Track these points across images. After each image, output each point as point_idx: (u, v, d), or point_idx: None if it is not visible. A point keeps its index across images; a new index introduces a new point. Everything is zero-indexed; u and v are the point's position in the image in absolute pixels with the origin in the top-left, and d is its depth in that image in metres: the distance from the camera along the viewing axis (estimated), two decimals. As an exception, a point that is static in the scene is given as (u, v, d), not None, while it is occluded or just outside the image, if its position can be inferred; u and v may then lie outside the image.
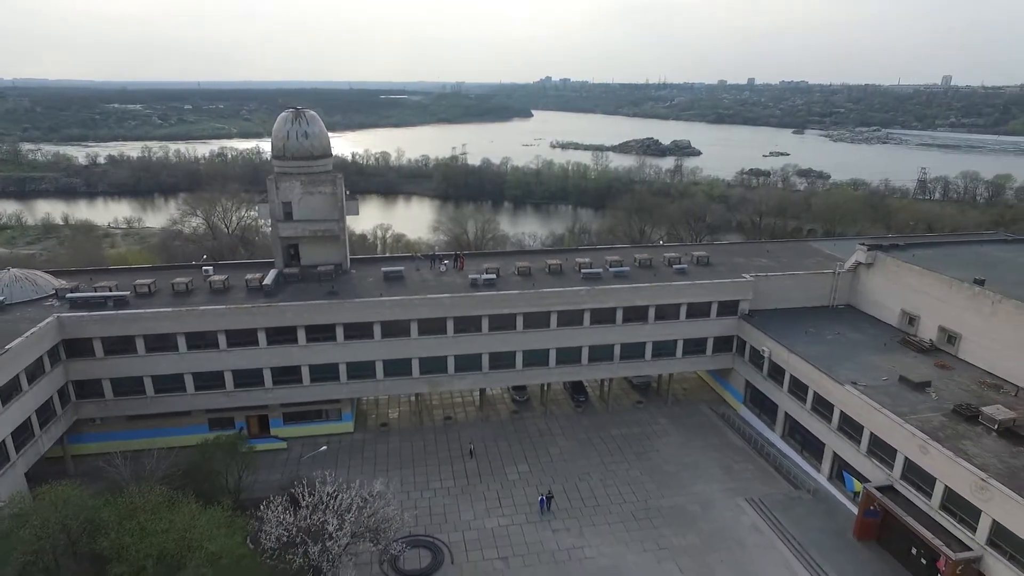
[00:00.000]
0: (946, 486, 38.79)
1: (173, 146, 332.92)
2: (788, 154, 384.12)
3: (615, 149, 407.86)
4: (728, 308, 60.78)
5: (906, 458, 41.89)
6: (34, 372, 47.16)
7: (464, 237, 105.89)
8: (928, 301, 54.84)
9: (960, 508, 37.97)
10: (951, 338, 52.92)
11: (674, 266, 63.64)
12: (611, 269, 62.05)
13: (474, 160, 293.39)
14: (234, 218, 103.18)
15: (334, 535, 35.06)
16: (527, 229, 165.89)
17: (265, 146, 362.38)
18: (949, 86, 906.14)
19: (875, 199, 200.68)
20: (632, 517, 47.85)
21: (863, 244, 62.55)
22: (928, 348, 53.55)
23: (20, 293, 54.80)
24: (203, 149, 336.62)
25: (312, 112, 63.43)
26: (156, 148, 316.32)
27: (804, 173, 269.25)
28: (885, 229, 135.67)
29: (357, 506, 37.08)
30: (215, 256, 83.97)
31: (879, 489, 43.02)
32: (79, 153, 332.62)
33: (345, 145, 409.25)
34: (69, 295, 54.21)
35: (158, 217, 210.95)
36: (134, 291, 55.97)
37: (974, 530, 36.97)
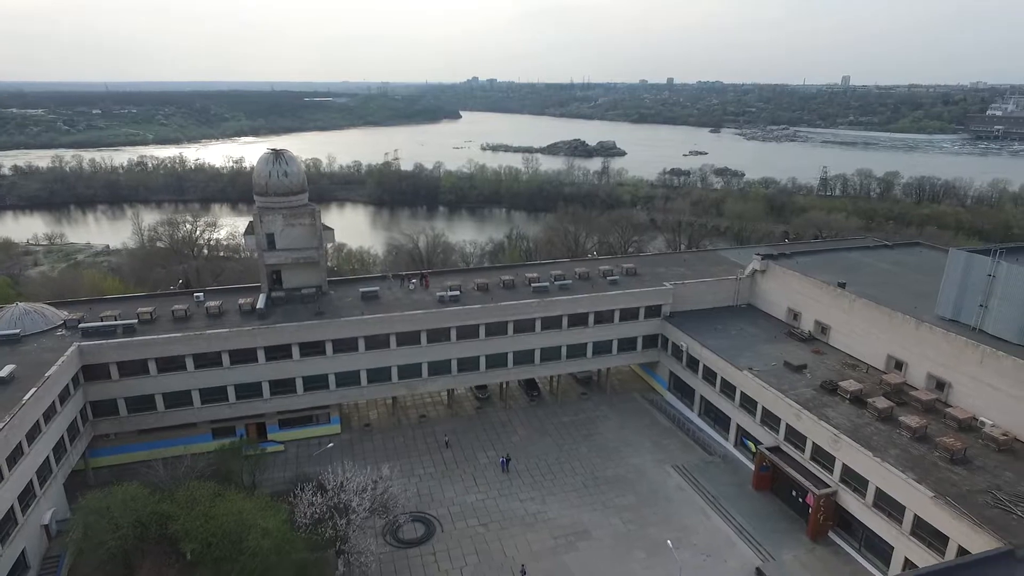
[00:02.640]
0: (813, 442, 52.16)
1: (87, 155, 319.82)
2: (706, 153, 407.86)
3: (544, 151, 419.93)
4: (653, 311, 73.36)
5: (787, 424, 55.17)
6: (64, 396, 53.86)
7: (416, 252, 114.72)
8: (806, 300, 68.98)
9: (822, 457, 51.38)
10: (823, 329, 67.15)
11: (608, 277, 75.66)
12: (556, 282, 73.38)
13: (407, 165, 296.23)
14: (200, 241, 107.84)
15: (356, 509, 44.58)
16: (466, 236, 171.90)
17: (188, 152, 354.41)
18: (848, 86, 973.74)
19: (783, 197, 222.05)
20: (583, 485, 59.28)
21: (758, 254, 76.49)
22: (807, 338, 67.65)
23: (32, 325, 60.68)
24: (120, 157, 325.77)
25: (290, 153, 71.57)
26: (68, 157, 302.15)
27: (721, 172, 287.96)
28: (784, 234, 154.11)
29: (370, 487, 46.66)
30: (189, 281, 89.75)
31: (769, 449, 56.20)
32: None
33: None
34: (81, 325, 60.54)
35: (79, 232, 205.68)
36: (138, 318, 62.82)
37: (831, 472, 50.39)
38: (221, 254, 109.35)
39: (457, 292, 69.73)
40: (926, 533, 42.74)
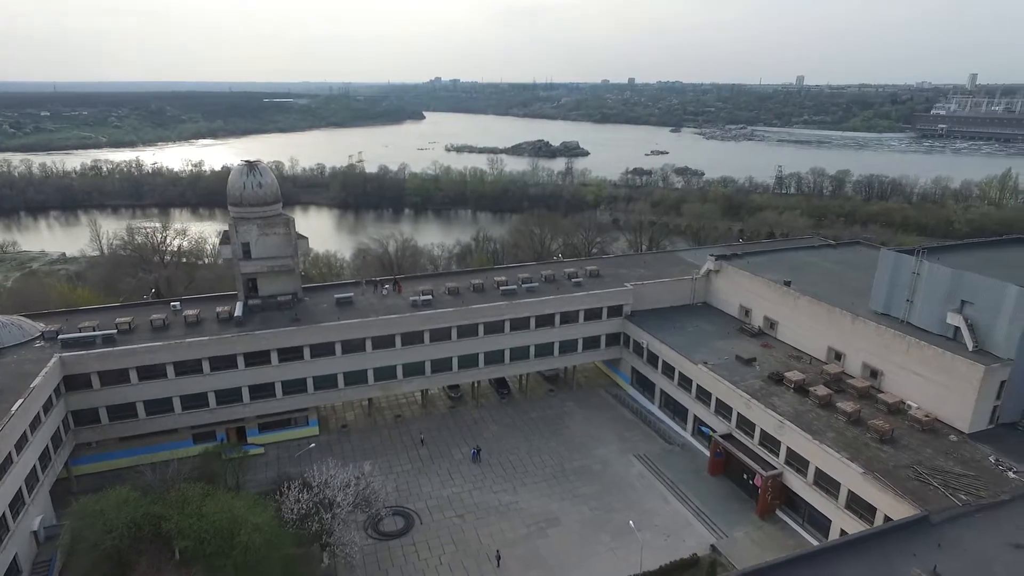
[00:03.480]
0: (761, 429, 56.95)
1: (36, 159, 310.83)
2: (667, 152, 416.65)
3: (508, 151, 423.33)
4: (615, 311, 77.63)
5: (738, 413, 59.90)
6: (47, 406, 55.31)
7: (386, 256, 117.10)
8: (756, 298, 74.06)
9: (769, 442, 56.19)
10: (772, 324, 72.30)
11: (572, 279, 79.64)
12: (523, 285, 77.04)
13: (371, 167, 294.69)
14: (170, 249, 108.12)
15: (340, 504, 47.50)
16: (433, 239, 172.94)
17: (144, 156, 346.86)
18: (802, 86, 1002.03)
19: (740, 196, 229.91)
20: (552, 476, 63.12)
21: (712, 255, 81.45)
22: (757, 333, 72.73)
23: (10, 337, 61.70)
24: (72, 161, 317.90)
25: (264, 165, 73.66)
26: (17, 161, 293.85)
27: (681, 171, 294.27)
28: (739, 233, 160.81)
29: (353, 483, 49.61)
30: (160, 290, 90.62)
31: (722, 437, 60.89)
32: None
33: (232, 154, 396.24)
34: (61, 336, 61.79)
35: (32, 240, 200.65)
36: (117, 329, 64.29)
37: (777, 455, 55.21)
38: (185, 260, 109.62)
39: (429, 296, 72.82)
40: (858, 506, 47.72)
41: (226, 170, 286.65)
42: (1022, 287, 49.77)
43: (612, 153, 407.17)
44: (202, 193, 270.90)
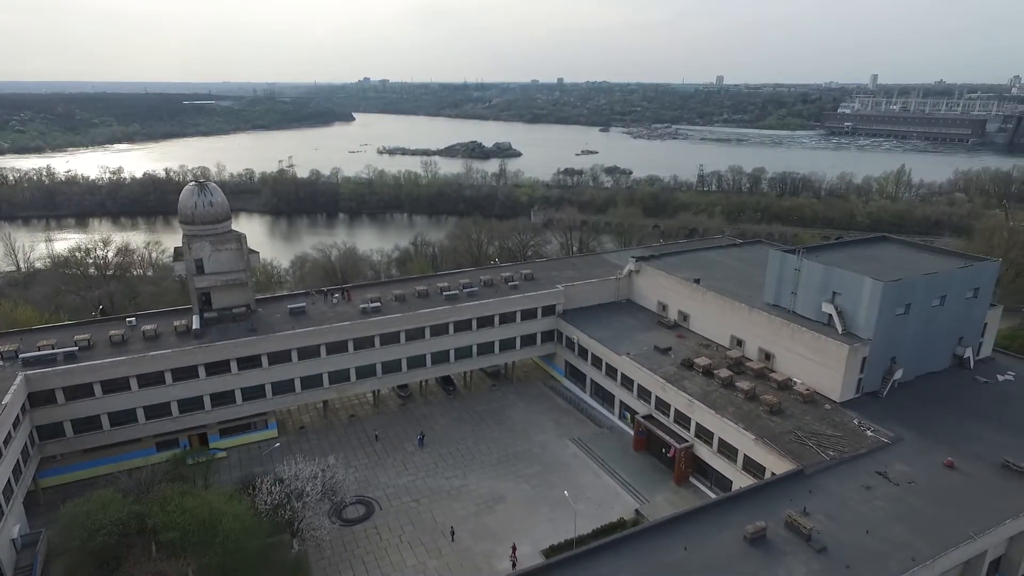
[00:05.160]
0: (675, 408, 66.10)
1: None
2: (597, 152, 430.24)
3: (442, 153, 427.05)
4: (549, 310, 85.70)
5: (656, 396, 68.91)
6: (16, 423, 58.22)
7: (329, 265, 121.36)
8: (670, 294, 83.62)
9: (682, 419, 65.38)
10: (685, 317, 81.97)
11: (509, 283, 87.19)
12: (465, 290, 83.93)
13: (302, 171, 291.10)
14: (109, 265, 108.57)
15: (309, 493, 53.24)
16: (370, 243, 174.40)
17: (55, 163, 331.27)
18: (722, 85, 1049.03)
19: (665, 194, 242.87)
20: (497, 461, 70.42)
21: (633, 257, 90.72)
22: (672, 325, 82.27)
23: (-31, 358, 63.69)
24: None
25: (214, 184, 77.57)
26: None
27: (611, 171, 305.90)
28: (660, 233, 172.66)
29: (320, 474, 55.38)
30: (104, 308, 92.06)
31: (644, 417, 69.75)
32: None
33: (152, 160, 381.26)
34: (23, 355, 64.25)
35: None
36: (76, 345, 67.11)
37: (689, 430, 64.44)
38: (127, 274, 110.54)
39: (378, 303, 78.69)
40: (751, 467, 57.27)
41: (148, 177, 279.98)
42: (877, 280, 60.58)
43: (544, 153, 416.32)
44: (123, 202, 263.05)
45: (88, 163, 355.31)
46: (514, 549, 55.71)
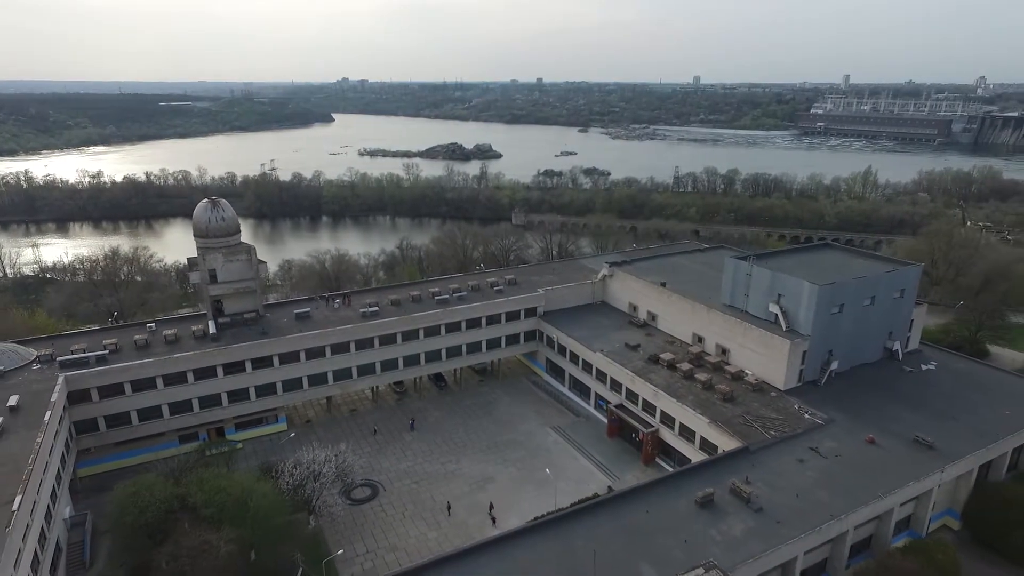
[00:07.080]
0: (643, 397, 75.23)
1: None
2: (576, 153, 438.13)
3: (423, 155, 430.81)
4: (531, 312, 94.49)
5: (626, 387, 77.99)
6: (60, 418, 65.50)
7: (324, 272, 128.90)
8: (640, 296, 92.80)
9: (648, 408, 74.54)
10: (653, 317, 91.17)
11: (494, 288, 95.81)
12: (454, 295, 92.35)
13: (284, 174, 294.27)
14: (120, 274, 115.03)
15: (325, 474, 61.45)
16: (355, 247, 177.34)
17: (32, 166, 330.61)
18: (699, 85, 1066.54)
19: (643, 196, 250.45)
20: (486, 448, 78.99)
21: (607, 263, 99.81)
22: (642, 325, 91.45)
23: (10, 362, 70.73)
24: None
25: (224, 201, 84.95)
26: None
27: (589, 172, 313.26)
28: (634, 237, 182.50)
29: (333, 458, 63.58)
30: (116, 315, 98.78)
31: (616, 407, 78.81)
32: None
33: (131, 163, 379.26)
34: (59, 358, 71.37)
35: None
36: (106, 349, 74.31)
37: (655, 416, 73.61)
38: (137, 280, 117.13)
39: (376, 308, 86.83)
40: (706, 447, 66.51)
41: (129, 181, 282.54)
42: (814, 283, 70.15)
43: (524, 155, 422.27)
44: (105, 207, 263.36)
45: (65, 166, 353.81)
46: (491, 507, 65.72)
